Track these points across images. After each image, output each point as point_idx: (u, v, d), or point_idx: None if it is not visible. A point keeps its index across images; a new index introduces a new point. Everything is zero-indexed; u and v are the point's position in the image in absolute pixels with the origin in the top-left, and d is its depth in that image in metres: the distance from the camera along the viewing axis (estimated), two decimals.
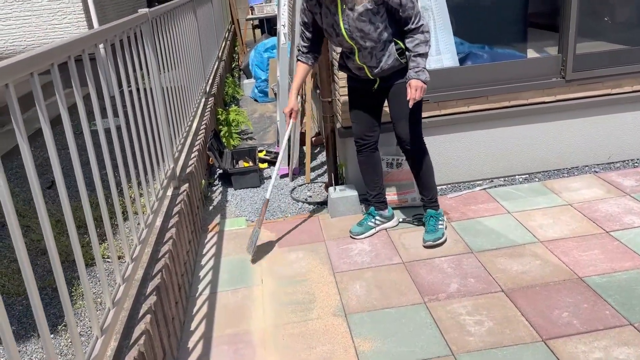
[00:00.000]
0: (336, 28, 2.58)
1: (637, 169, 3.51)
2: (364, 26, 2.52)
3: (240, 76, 8.30)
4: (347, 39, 2.58)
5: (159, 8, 3.09)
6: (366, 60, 2.65)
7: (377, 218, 3.06)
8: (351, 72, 2.81)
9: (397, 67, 2.68)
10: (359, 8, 2.49)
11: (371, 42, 2.57)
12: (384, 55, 2.63)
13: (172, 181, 2.99)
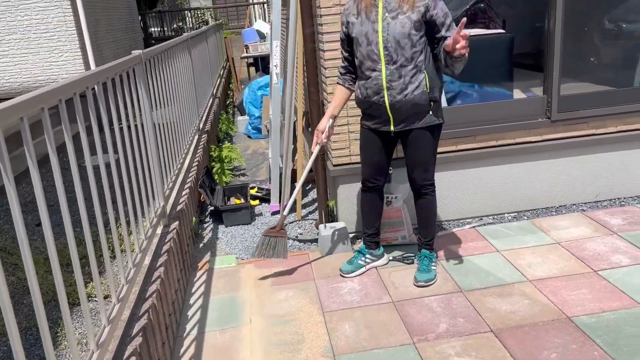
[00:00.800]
0: (370, 36, 2.50)
1: (623, 208, 3.55)
2: (402, 38, 2.45)
3: (235, 113, 8.40)
4: (381, 48, 2.48)
5: (153, 49, 3.16)
6: (393, 78, 2.51)
7: (368, 256, 3.05)
8: (367, 104, 2.65)
9: (421, 105, 2.56)
10: (403, 18, 2.45)
11: (403, 57, 2.48)
12: (412, 83, 2.51)
13: (162, 219, 2.99)
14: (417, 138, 2.66)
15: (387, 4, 2.47)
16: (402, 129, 2.65)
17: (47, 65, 7.25)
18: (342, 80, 2.77)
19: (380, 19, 2.47)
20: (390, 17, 2.46)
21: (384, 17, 2.46)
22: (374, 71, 2.53)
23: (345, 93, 2.78)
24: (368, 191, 2.93)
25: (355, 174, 3.43)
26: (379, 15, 2.47)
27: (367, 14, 2.50)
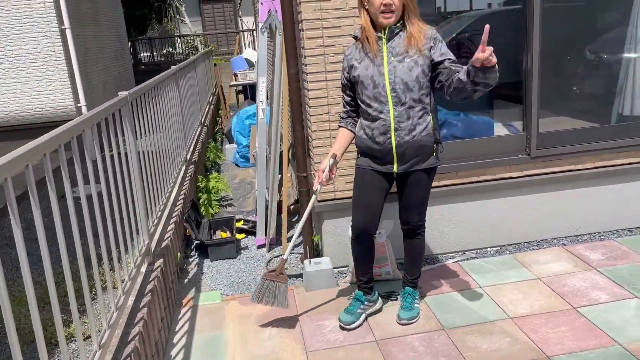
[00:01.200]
0: (377, 79, 2.50)
1: (603, 242, 3.62)
2: (410, 80, 2.47)
3: (223, 140, 8.44)
4: (389, 90, 2.49)
5: (139, 88, 3.20)
6: (401, 119, 2.50)
7: (365, 303, 2.94)
8: (371, 145, 2.60)
9: (427, 147, 2.57)
10: (410, 62, 2.47)
11: (412, 99, 2.49)
12: (420, 124, 2.52)
13: (146, 257, 3.00)
14: (418, 180, 2.66)
15: (392, 48, 2.49)
16: (405, 171, 2.62)
17: (35, 95, 7.28)
18: (344, 123, 2.76)
19: (386, 62, 2.49)
20: (396, 60, 2.48)
21: (390, 61, 2.49)
22: (381, 113, 2.52)
23: (349, 135, 2.74)
24: (360, 240, 2.80)
25: (339, 210, 3.47)
26: (384, 60, 2.49)
27: (371, 59, 2.51)
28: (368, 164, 2.67)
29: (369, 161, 2.67)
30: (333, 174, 2.73)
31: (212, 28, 20.33)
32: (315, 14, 3.12)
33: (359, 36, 2.57)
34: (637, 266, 3.26)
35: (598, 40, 4.11)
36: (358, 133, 2.68)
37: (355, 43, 2.63)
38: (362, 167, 2.71)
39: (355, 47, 2.61)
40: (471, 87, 2.33)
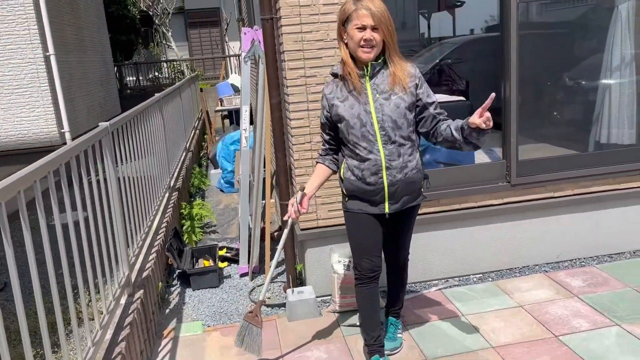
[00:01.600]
0: (364, 118, 2.39)
1: (584, 269, 3.65)
2: (399, 118, 2.39)
3: (208, 165, 8.43)
4: (377, 128, 2.38)
5: (121, 118, 3.20)
6: (392, 157, 2.41)
7: (400, 326, 2.97)
8: (362, 186, 2.46)
9: (417, 184, 2.51)
10: (396, 99, 2.39)
11: (401, 137, 2.41)
12: (411, 161, 2.45)
13: (126, 288, 2.96)
14: (408, 217, 2.61)
15: (376, 86, 2.40)
16: (397, 210, 2.50)
17: (18, 121, 7.23)
18: (321, 159, 2.64)
19: (372, 100, 2.39)
20: (382, 98, 2.39)
21: (375, 99, 2.39)
22: (371, 152, 2.41)
23: (327, 172, 2.63)
24: (368, 284, 2.60)
25: (322, 237, 3.47)
26: (369, 98, 2.39)
27: (355, 97, 2.40)
28: (359, 207, 2.52)
29: (359, 204, 2.51)
30: (303, 207, 2.58)
31: (199, 53, 20.47)
32: (296, 45, 3.16)
33: (340, 72, 2.45)
34: (617, 293, 3.28)
35: (575, 68, 4.21)
36: (345, 175, 2.51)
37: (334, 80, 2.50)
38: (352, 210, 2.54)
39: (335, 84, 2.48)
40: (461, 144, 2.36)
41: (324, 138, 2.61)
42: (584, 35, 4.23)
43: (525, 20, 3.75)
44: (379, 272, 2.60)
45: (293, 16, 3.13)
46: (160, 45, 19.13)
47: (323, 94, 2.52)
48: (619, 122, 3.80)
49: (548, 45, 4.08)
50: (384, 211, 2.49)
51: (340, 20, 2.39)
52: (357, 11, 2.30)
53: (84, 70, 9.51)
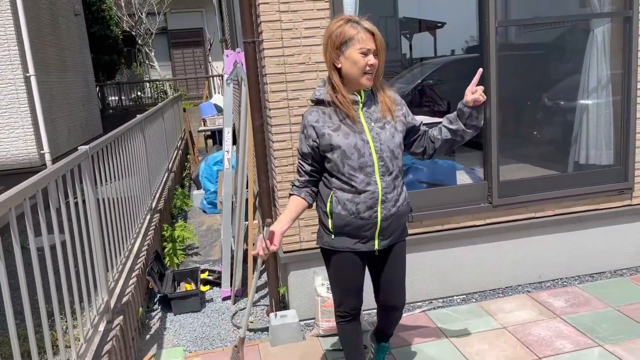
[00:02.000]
0: (361, 148, 2.21)
1: (565, 289, 3.67)
2: (396, 148, 2.27)
3: (191, 186, 8.37)
4: (376, 159, 2.22)
5: (101, 141, 3.17)
6: (388, 190, 2.26)
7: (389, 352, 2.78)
8: (353, 220, 2.27)
9: (405, 217, 2.39)
10: (390, 127, 2.27)
11: (397, 168, 2.29)
12: (401, 194, 2.33)
13: (105, 315, 2.90)
14: (399, 252, 2.43)
15: (369, 114, 2.26)
16: (386, 246, 2.36)
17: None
18: (297, 191, 2.36)
19: (367, 129, 2.23)
20: (377, 127, 2.24)
21: (371, 127, 2.23)
22: (369, 184, 2.23)
23: (302, 204, 2.36)
24: (351, 321, 2.49)
25: (305, 260, 3.44)
26: (364, 126, 2.23)
27: (349, 126, 2.22)
28: (347, 246, 2.31)
29: (347, 241, 2.30)
30: (274, 244, 2.31)
31: (182, 73, 20.46)
32: (278, 68, 3.17)
33: (327, 99, 2.24)
34: (598, 313, 3.30)
35: (553, 90, 4.29)
36: (334, 209, 2.28)
37: (319, 107, 2.28)
38: (338, 249, 2.33)
39: (321, 112, 2.26)
40: (463, 132, 2.32)
41: (304, 169, 2.34)
42: (561, 57, 4.32)
43: (504, 42, 3.82)
44: (358, 311, 2.49)
45: (275, 39, 3.15)
46: (143, 65, 19.10)
47: (306, 122, 2.27)
48: (596, 143, 3.87)
49: (527, 67, 4.16)
50: (373, 248, 2.31)
51: (334, 44, 2.17)
52: (360, 34, 2.13)
53: (66, 90, 9.44)
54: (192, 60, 20.87)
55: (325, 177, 2.33)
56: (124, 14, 17.11)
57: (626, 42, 3.67)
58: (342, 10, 3.19)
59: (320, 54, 3.19)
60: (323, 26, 3.19)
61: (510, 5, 3.90)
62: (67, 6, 10.63)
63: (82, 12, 12.08)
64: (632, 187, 3.79)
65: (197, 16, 20.24)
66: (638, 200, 3.83)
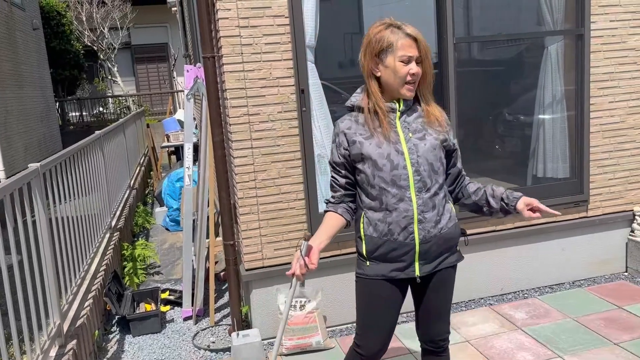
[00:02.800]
0: (395, 159, 1.99)
1: (527, 301, 3.71)
2: (435, 161, 2.02)
3: (154, 203, 8.20)
4: (411, 172, 1.99)
5: (54, 158, 3.07)
6: (426, 209, 1.99)
7: None
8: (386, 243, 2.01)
9: (455, 239, 2.09)
10: (432, 139, 2.03)
11: (437, 184, 2.02)
12: (444, 213, 2.04)
13: (57, 339, 2.78)
14: (445, 279, 2.11)
15: (407, 124, 2.04)
16: (429, 272, 2.06)
17: None
18: (333, 207, 2.12)
19: (404, 139, 2.01)
20: (415, 137, 2.02)
21: (408, 138, 2.01)
22: (401, 201, 1.99)
23: (340, 221, 2.10)
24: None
25: (269, 278, 3.39)
26: (400, 136, 2.01)
27: (384, 135, 2.01)
28: (382, 273, 2.04)
29: (382, 268, 2.04)
30: (313, 263, 1.97)
31: (146, 88, 20.18)
32: (239, 83, 3.15)
33: (362, 105, 2.07)
34: (558, 324, 3.35)
35: (511, 105, 4.38)
36: (366, 232, 2.06)
37: (353, 115, 2.10)
38: (371, 277, 2.06)
39: (354, 120, 2.08)
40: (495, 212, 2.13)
41: (338, 182, 2.11)
42: (519, 73, 4.42)
43: (463, 58, 3.89)
44: (382, 353, 2.15)
45: (235, 55, 3.12)
46: (106, 80, 18.76)
47: (338, 129, 2.09)
48: (553, 157, 3.96)
49: (485, 82, 4.24)
50: (414, 274, 2.03)
51: (372, 51, 1.99)
52: (402, 40, 1.94)
53: (22, 106, 9.17)
54: (157, 75, 20.63)
55: (358, 195, 2.12)
56: (85, 29, 16.81)
57: (578, 59, 3.79)
58: (302, 27, 3.19)
59: (280, 69, 3.20)
60: (283, 41, 3.19)
61: (468, 22, 3.99)
62: (25, 20, 10.37)
63: (40, 27, 11.81)
64: (588, 200, 3.89)
65: (161, 31, 20.07)
66: (593, 212, 3.93)
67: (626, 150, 3.93)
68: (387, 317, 2.10)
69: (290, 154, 3.29)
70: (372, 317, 2.10)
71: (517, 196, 2.06)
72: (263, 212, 3.31)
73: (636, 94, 3.89)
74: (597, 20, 3.73)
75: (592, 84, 3.79)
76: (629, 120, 3.90)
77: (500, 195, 2.09)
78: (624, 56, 3.83)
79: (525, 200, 2.04)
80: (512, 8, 4.13)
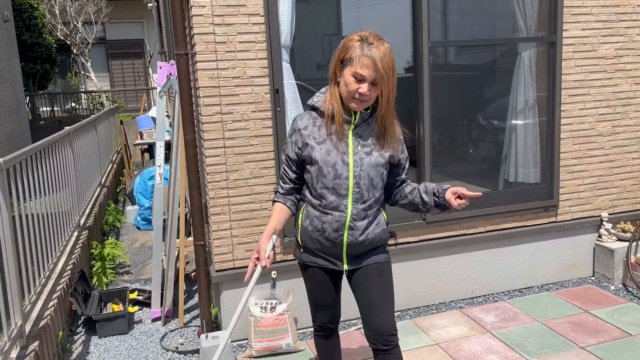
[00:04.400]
0: (340, 169, 2.09)
1: (496, 304, 3.75)
2: (376, 177, 2.13)
3: (125, 201, 8.05)
4: (351, 184, 2.10)
5: (19, 154, 2.97)
6: (358, 218, 2.13)
7: None
8: (319, 237, 2.18)
9: (381, 241, 2.23)
10: (378, 156, 2.12)
11: (373, 198, 2.15)
12: (374, 223, 2.18)
13: (18, 340, 2.69)
14: (377, 275, 2.22)
15: (359, 137, 2.12)
16: (357, 266, 2.23)
17: None
18: (282, 199, 2.25)
19: (351, 151, 2.10)
20: (363, 151, 2.11)
21: (356, 151, 2.10)
22: (338, 207, 2.12)
23: (287, 213, 2.25)
24: (326, 336, 2.46)
25: (239, 279, 3.35)
26: (349, 147, 2.10)
27: (334, 143, 2.10)
28: (314, 261, 2.25)
29: (313, 257, 2.25)
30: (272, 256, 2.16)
31: (121, 84, 19.84)
32: (212, 81, 3.10)
33: (322, 108, 2.13)
34: (526, 327, 3.39)
35: (485, 110, 4.43)
36: (303, 223, 2.22)
37: (311, 114, 2.18)
38: (307, 264, 2.28)
39: (313, 120, 2.16)
40: (430, 207, 2.19)
41: (289, 176, 2.23)
42: (492, 78, 4.47)
43: (437, 63, 3.91)
44: (335, 325, 2.44)
45: (208, 52, 3.08)
46: (79, 75, 18.38)
47: (295, 125, 2.18)
48: (524, 162, 4.01)
49: (460, 87, 4.27)
50: (342, 268, 2.23)
51: (339, 56, 2.06)
52: (361, 58, 1.97)
53: None
54: (132, 71, 20.31)
55: (303, 189, 2.25)
56: (58, 22, 16.45)
57: (551, 66, 3.85)
58: (278, 26, 3.16)
59: (255, 68, 3.17)
60: (258, 40, 3.15)
61: (443, 27, 4.01)
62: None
63: (12, 19, 11.51)
64: (557, 205, 3.95)
65: (137, 27, 19.76)
66: (562, 217, 3.99)
67: (595, 157, 4.01)
68: (328, 296, 2.33)
69: (263, 154, 3.26)
70: (315, 296, 2.36)
71: (446, 187, 2.14)
72: (235, 212, 3.27)
73: (605, 101, 3.97)
74: (569, 28, 3.79)
75: (563, 90, 3.85)
76: (598, 128, 3.98)
77: (432, 190, 2.17)
78: (595, 64, 3.90)
79: (452, 189, 2.10)
80: (487, 14, 4.18)
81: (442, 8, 3.89)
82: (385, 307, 2.22)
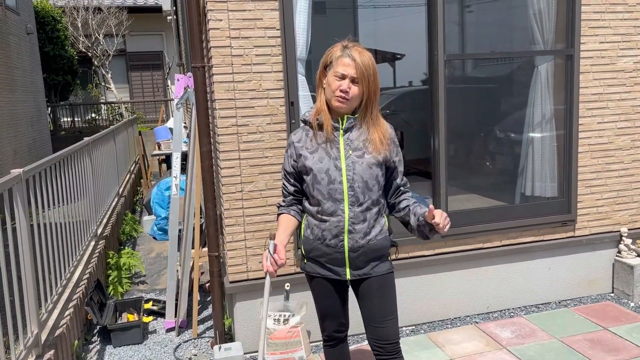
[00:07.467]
0: (333, 174, 2.16)
1: (513, 319, 3.69)
2: (370, 179, 2.17)
3: (142, 211, 8.13)
4: (346, 188, 2.16)
5: (39, 164, 3.03)
6: (357, 221, 2.17)
7: None
8: (319, 245, 2.23)
9: (384, 250, 2.24)
10: (370, 158, 2.18)
11: (370, 200, 2.18)
12: (375, 227, 2.20)
13: (34, 349, 2.72)
14: (380, 286, 2.26)
15: (350, 141, 2.19)
16: (360, 276, 2.25)
17: None
18: (286, 210, 2.32)
19: (343, 156, 2.18)
20: (355, 155, 2.18)
21: (348, 155, 2.18)
22: (335, 212, 2.18)
23: (294, 221, 2.31)
24: (337, 344, 2.47)
25: (253, 290, 3.35)
26: (341, 153, 2.18)
27: (326, 150, 2.19)
28: (317, 272, 2.29)
29: (317, 268, 2.29)
30: (282, 258, 2.15)
31: (140, 95, 20.12)
32: (228, 94, 3.13)
33: (310, 120, 2.24)
34: (542, 344, 3.33)
35: (501, 122, 4.40)
36: (305, 233, 2.29)
37: (304, 128, 2.28)
38: (311, 274, 2.33)
39: (305, 133, 2.26)
40: (413, 230, 2.24)
41: (288, 189, 2.32)
42: (508, 91, 4.45)
43: (453, 75, 3.90)
44: (346, 331, 2.46)
45: (225, 65, 3.11)
46: (99, 86, 18.69)
47: (290, 141, 2.29)
48: (542, 176, 3.97)
49: (475, 99, 4.26)
50: (345, 277, 2.24)
51: (322, 64, 2.20)
52: (341, 58, 2.12)
53: (13, 110, 9.11)
54: (151, 83, 20.59)
55: (303, 200, 2.32)
56: (80, 35, 16.77)
57: (568, 79, 3.81)
58: (294, 39, 3.19)
59: (270, 81, 3.20)
60: (274, 53, 3.18)
61: (460, 39, 4.01)
62: (18, 24, 10.34)
63: (35, 31, 11.77)
64: (575, 219, 3.89)
65: (157, 39, 20.05)
66: (580, 232, 3.93)
67: (614, 171, 3.95)
68: (334, 305, 2.35)
69: (278, 166, 3.27)
70: (321, 305, 2.38)
71: (423, 217, 2.14)
72: (249, 224, 3.28)
73: (624, 115, 3.92)
74: (587, 41, 3.76)
75: (581, 104, 3.81)
76: (617, 142, 3.92)
77: (419, 214, 2.18)
78: (613, 77, 3.85)
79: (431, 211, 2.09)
80: (504, 27, 4.17)
81: (459, 20, 3.89)
82: (388, 316, 2.27)
